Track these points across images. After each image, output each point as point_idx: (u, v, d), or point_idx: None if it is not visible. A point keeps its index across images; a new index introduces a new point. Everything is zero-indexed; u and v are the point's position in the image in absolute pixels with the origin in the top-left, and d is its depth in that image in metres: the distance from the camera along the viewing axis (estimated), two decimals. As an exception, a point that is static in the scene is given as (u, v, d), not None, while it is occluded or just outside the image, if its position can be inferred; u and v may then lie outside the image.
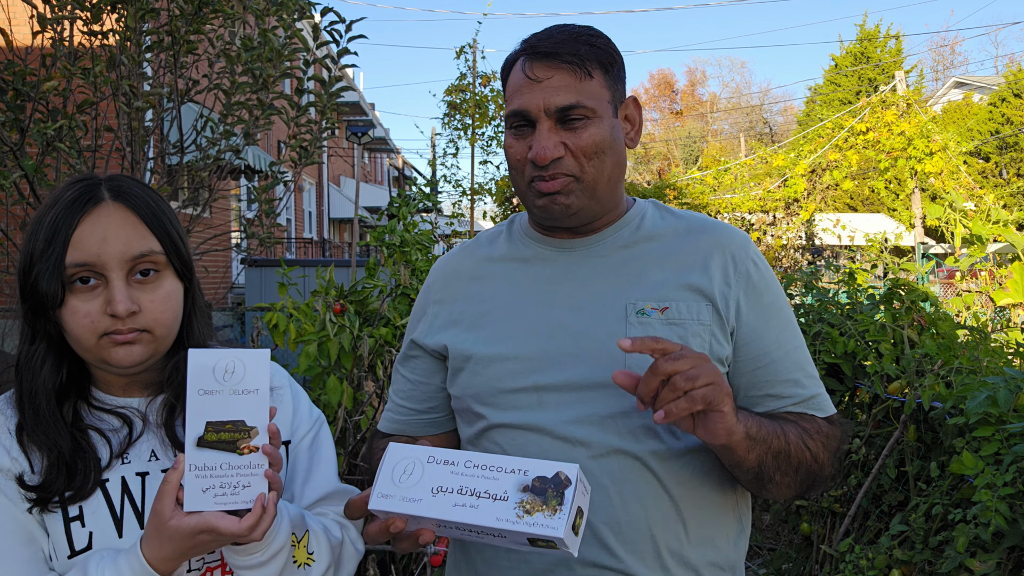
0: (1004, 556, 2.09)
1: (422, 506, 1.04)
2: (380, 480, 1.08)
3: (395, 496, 1.06)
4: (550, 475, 1.02)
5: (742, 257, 1.27)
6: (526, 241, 1.35)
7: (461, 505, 1.02)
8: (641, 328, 1.20)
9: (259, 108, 2.86)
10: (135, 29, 2.50)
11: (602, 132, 1.23)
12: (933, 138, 11.43)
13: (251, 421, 1.03)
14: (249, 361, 1.04)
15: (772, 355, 1.24)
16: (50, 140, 2.30)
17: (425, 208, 5.52)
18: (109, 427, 1.15)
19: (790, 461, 1.17)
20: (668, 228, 1.31)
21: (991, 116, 23.17)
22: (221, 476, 1.01)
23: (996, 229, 8.19)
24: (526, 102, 1.22)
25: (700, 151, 38.10)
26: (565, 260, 1.30)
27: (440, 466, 1.06)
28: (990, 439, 2.19)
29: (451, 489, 1.04)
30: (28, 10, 2.34)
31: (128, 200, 1.12)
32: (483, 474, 1.04)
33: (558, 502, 0.99)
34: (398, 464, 1.08)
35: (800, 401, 1.24)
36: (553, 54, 1.22)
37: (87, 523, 1.09)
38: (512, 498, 1.01)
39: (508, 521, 1.00)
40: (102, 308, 1.08)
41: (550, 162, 1.21)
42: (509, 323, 1.28)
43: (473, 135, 11.40)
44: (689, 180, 15.21)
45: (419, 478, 1.06)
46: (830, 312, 3.48)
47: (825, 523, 3.21)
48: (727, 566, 1.25)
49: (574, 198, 1.23)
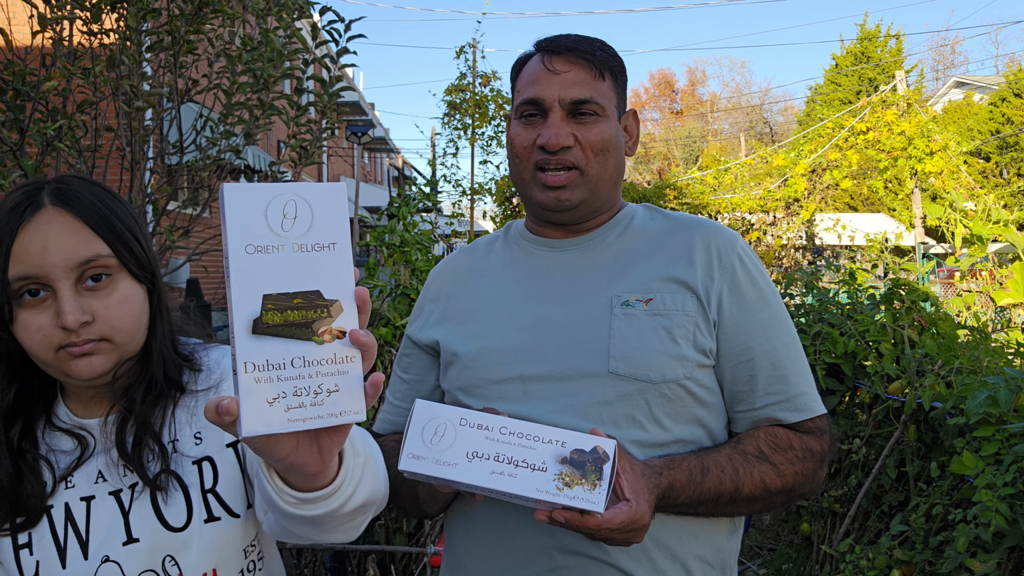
0: (1004, 556, 2.09)
1: (457, 471, 1.01)
2: (409, 440, 1.03)
3: (427, 458, 1.02)
4: (587, 448, 1.01)
5: (728, 252, 1.28)
6: (520, 242, 1.39)
7: (499, 473, 1.00)
8: (625, 319, 1.22)
9: (259, 108, 2.86)
10: (135, 29, 2.50)
11: (610, 131, 1.27)
12: (933, 138, 11.43)
13: (330, 292, 0.71)
14: (318, 199, 0.71)
15: (756, 349, 1.24)
16: (50, 140, 2.30)
17: (425, 208, 5.52)
18: (61, 449, 1.09)
19: (744, 502, 1.19)
20: (656, 227, 1.34)
21: (991, 116, 23.16)
22: (293, 378, 0.70)
23: (996, 229, 8.19)
24: (542, 91, 1.26)
25: (700, 151, 38.08)
26: (554, 257, 1.34)
27: (474, 430, 1.03)
28: (990, 439, 2.18)
29: (487, 455, 1.01)
30: (28, 10, 2.34)
31: (70, 204, 1.04)
32: (519, 442, 1.02)
33: (597, 476, 0.99)
34: (428, 424, 1.04)
35: (783, 400, 1.23)
36: (573, 50, 1.27)
37: (35, 551, 1.04)
38: (551, 469, 1.00)
39: (548, 492, 0.99)
40: (53, 320, 1.01)
41: (559, 149, 1.24)
42: (497, 317, 1.30)
43: (473, 135, 11.40)
44: (689, 180, 15.20)
45: (452, 441, 1.02)
46: (830, 312, 3.48)
47: (825, 523, 3.21)
48: (716, 562, 1.25)
49: (578, 192, 1.27)
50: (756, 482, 1.19)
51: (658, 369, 1.20)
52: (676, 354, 1.21)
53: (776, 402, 1.23)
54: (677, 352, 1.21)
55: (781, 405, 1.24)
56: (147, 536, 1.07)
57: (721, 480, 1.17)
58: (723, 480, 1.17)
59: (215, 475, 1.12)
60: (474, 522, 1.27)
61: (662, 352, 1.21)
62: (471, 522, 1.27)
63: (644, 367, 1.19)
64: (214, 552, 1.09)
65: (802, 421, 1.24)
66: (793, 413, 1.24)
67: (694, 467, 1.16)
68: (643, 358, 1.20)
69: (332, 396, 0.71)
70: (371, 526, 2.91)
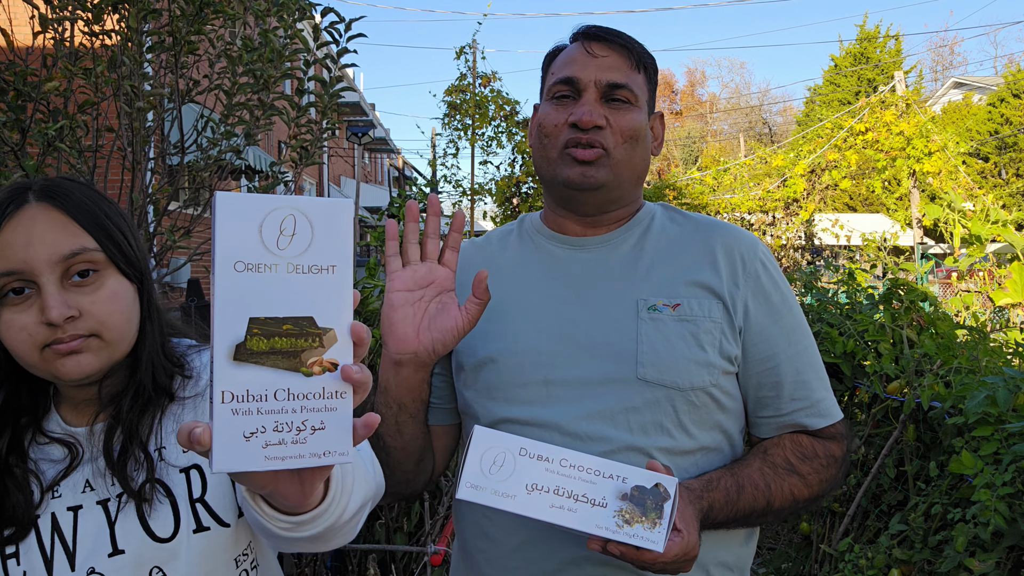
0: (1003, 556, 2.09)
1: (516, 503, 1.00)
2: (468, 469, 1.01)
3: (486, 489, 1.00)
4: (649, 486, 1.00)
5: (751, 257, 1.28)
6: (537, 239, 1.36)
7: (559, 508, 0.99)
8: (652, 324, 1.21)
9: (260, 109, 2.86)
10: (136, 30, 2.50)
11: (640, 121, 1.27)
12: (932, 138, 11.44)
13: (324, 320, 0.64)
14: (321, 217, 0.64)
15: (781, 355, 1.24)
16: (51, 140, 2.30)
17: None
18: (50, 458, 1.06)
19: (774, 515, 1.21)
20: (677, 228, 1.33)
21: (990, 116, 23.18)
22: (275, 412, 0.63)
23: (995, 229, 8.20)
24: (578, 71, 1.26)
25: (699, 151, 38.09)
26: (576, 257, 1.31)
27: (533, 461, 1.01)
28: (989, 439, 2.19)
29: (547, 488, 1.00)
30: (29, 10, 2.35)
31: (55, 199, 1.01)
32: (580, 476, 1.01)
33: (657, 515, 0.99)
34: (487, 453, 1.02)
35: (807, 406, 1.24)
36: (615, 37, 1.28)
37: (22, 562, 1.01)
38: (611, 505, 0.99)
39: (608, 530, 0.98)
40: (38, 318, 0.97)
41: (591, 128, 1.23)
42: (517, 317, 1.27)
43: (473, 135, 11.40)
44: (689, 180, 15.21)
45: (511, 471, 1.01)
46: (829, 312, 3.49)
47: (824, 522, 3.22)
48: (735, 566, 1.25)
49: (603, 172, 1.26)
50: (786, 495, 1.20)
51: (686, 376, 1.19)
52: (703, 361, 1.20)
53: (800, 408, 1.24)
54: (704, 359, 1.20)
55: (806, 411, 1.24)
56: (133, 547, 1.04)
57: (755, 497, 1.17)
58: (756, 497, 1.17)
59: (204, 484, 1.09)
60: (494, 530, 1.23)
61: (690, 359, 1.19)
62: (491, 531, 1.24)
63: (672, 373, 1.18)
64: (204, 563, 1.06)
65: (825, 427, 1.25)
66: (817, 419, 1.25)
67: (731, 487, 1.16)
68: (671, 364, 1.19)
69: (317, 434, 0.64)
70: (372, 526, 2.92)
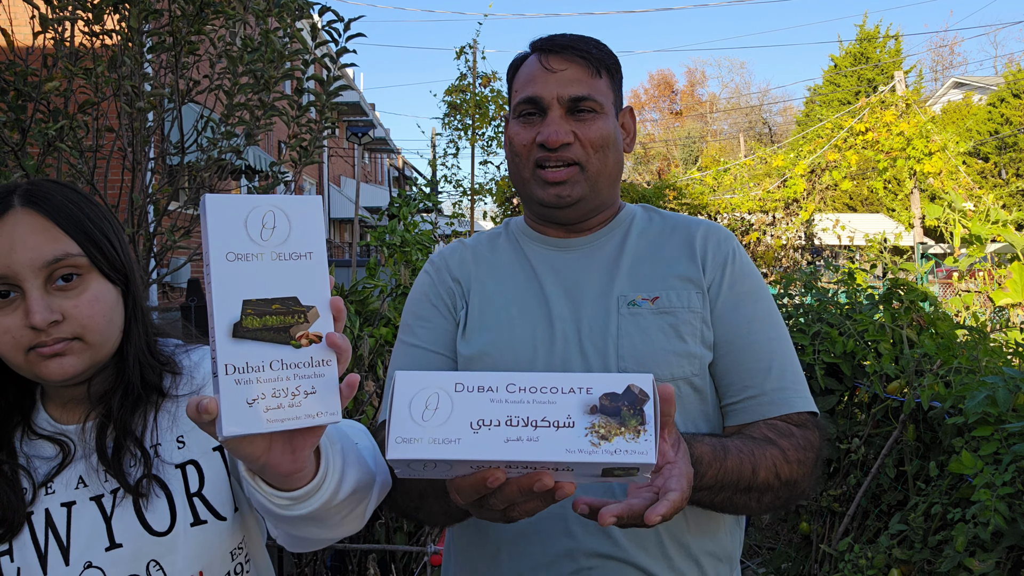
0: (1003, 555, 2.09)
1: (463, 447, 0.81)
2: (396, 420, 0.82)
3: (422, 439, 0.82)
4: (620, 390, 0.83)
5: (724, 247, 1.31)
6: (524, 240, 1.39)
7: (515, 440, 0.82)
8: (632, 319, 1.23)
9: (260, 109, 2.86)
10: (137, 30, 2.50)
11: (608, 128, 1.28)
12: (932, 138, 11.44)
13: (307, 299, 0.75)
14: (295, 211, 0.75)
15: (740, 341, 1.25)
16: (51, 140, 2.30)
17: (425, 208, 5.53)
18: (41, 455, 1.09)
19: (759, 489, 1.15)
20: (655, 227, 1.36)
21: (990, 116, 23.19)
22: (272, 380, 0.73)
23: (995, 229, 8.20)
24: (540, 89, 1.26)
25: (699, 151, 38.09)
26: (558, 256, 1.34)
27: (474, 394, 0.84)
28: (989, 439, 2.19)
29: (497, 421, 0.82)
30: (29, 10, 2.35)
31: (39, 204, 1.03)
32: (534, 398, 0.83)
33: (638, 421, 0.82)
34: (416, 397, 0.84)
35: (764, 393, 1.22)
36: (569, 48, 1.28)
37: (15, 558, 1.04)
38: (580, 423, 0.82)
39: (582, 452, 0.81)
40: (22, 321, 1.00)
41: (559, 146, 1.24)
42: (508, 311, 1.30)
43: (473, 135, 11.40)
44: (689, 180, 15.21)
45: (448, 412, 0.83)
46: (829, 312, 3.49)
47: (824, 522, 3.22)
48: (724, 556, 1.27)
49: (578, 188, 1.27)
50: (769, 466, 1.16)
51: (666, 367, 1.20)
52: (683, 352, 1.22)
53: (760, 394, 1.23)
54: (684, 350, 1.22)
55: (763, 398, 1.23)
56: (130, 541, 1.07)
57: (741, 460, 1.13)
58: (743, 461, 1.13)
59: (201, 478, 1.11)
60: (486, 524, 1.23)
61: (669, 350, 1.21)
62: (482, 524, 1.24)
63: (652, 365, 1.20)
64: (201, 556, 1.09)
65: (791, 414, 1.23)
66: (777, 407, 1.23)
67: (716, 445, 1.12)
68: (651, 357, 1.21)
69: (309, 398, 0.74)
70: (372, 526, 2.92)
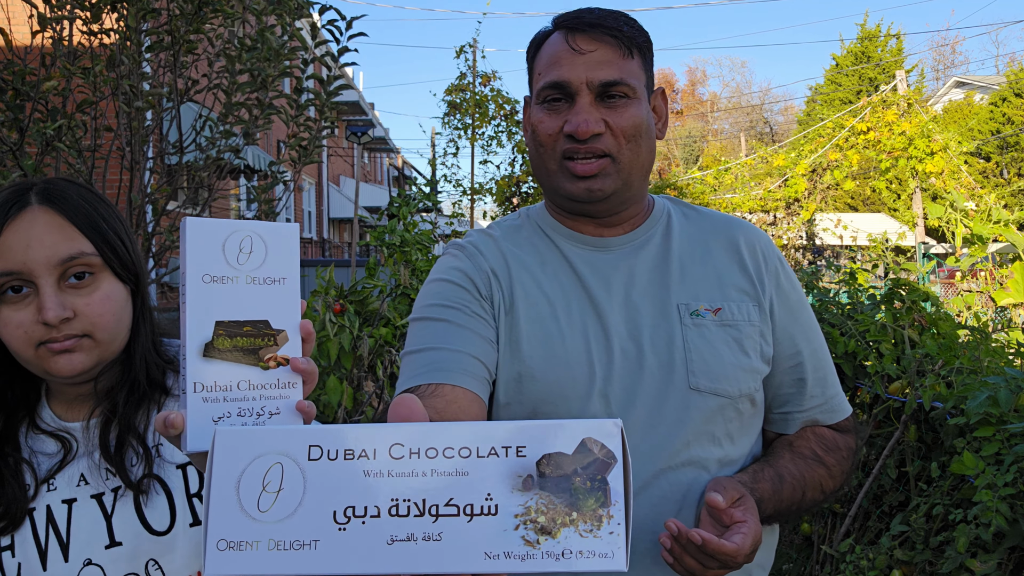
0: (1005, 556, 2.08)
1: (322, 556, 0.53)
2: (216, 509, 0.54)
3: (258, 541, 0.54)
4: (570, 449, 0.54)
5: (771, 256, 1.26)
6: (555, 236, 1.26)
7: (404, 540, 0.53)
8: (696, 330, 1.16)
9: (259, 108, 2.85)
10: (135, 29, 2.50)
11: (641, 114, 1.16)
12: (934, 138, 11.42)
13: (278, 322, 0.76)
14: (272, 238, 0.76)
15: (804, 353, 1.24)
16: (50, 140, 2.29)
17: (425, 208, 5.52)
18: (44, 451, 1.09)
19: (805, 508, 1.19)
20: (693, 225, 1.28)
21: (992, 116, 23.17)
22: (239, 400, 0.74)
23: (997, 229, 8.18)
24: (567, 73, 1.14)
25: (700, 151, 38.09)
26: (599, 257, 1.22)
27: (339, 463, 0.55)
28: (991, 439, 2.18)
29: (376, 508, 0.54)
30: (27, 9, 2.34)
31: (56, 203, 1.05)
32: (434, 466, 0.54)
33: (598, 501, 0.53)
34: (249, 471, 0.55)
35: (824, 402, 1.24)
36: (599, 26, 1.15)
37: (16, 554, 1.05)
38: (506, 505, 0.53)
39: (510, 558, 0.53)
40: (34, 317, 1.01)
41: (589, 137, 1.13)
42: (555, 329, 1.17)
43: (473, 135, 11.39)
44: (689, 180, 15.20)
45: (300, 494, 0.54)
46: (831, 312, 3.48)
47: (825, 523, 3.21)
48: (765, 565, 1.24)
49: (610, 182, 1.16)
50: (816, 486, 1.18)
51: (735, 383, 1.15)
52: (748, 367, 1.16)
53: (819, 404, 1.24)
54: (749, 365, 1.17)
55: (823, 407, 1.24)
56: (129, 539, 1.08)
57: (793, 488, 1.14)
58: (795, 487, 1.14)
59: (201, 479, 1.12)
60: None
61: (736, 365, 1.15)
62: None
63: (723, 381, 1.14)
64: (199, 556, 1.09)
65: (840, 421, 1.26)
66: (833, 414, 1.25)
67: (773, 477, 1.12)
68: (721, 372, 1.14)
69: (273, 419, 0.75)
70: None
